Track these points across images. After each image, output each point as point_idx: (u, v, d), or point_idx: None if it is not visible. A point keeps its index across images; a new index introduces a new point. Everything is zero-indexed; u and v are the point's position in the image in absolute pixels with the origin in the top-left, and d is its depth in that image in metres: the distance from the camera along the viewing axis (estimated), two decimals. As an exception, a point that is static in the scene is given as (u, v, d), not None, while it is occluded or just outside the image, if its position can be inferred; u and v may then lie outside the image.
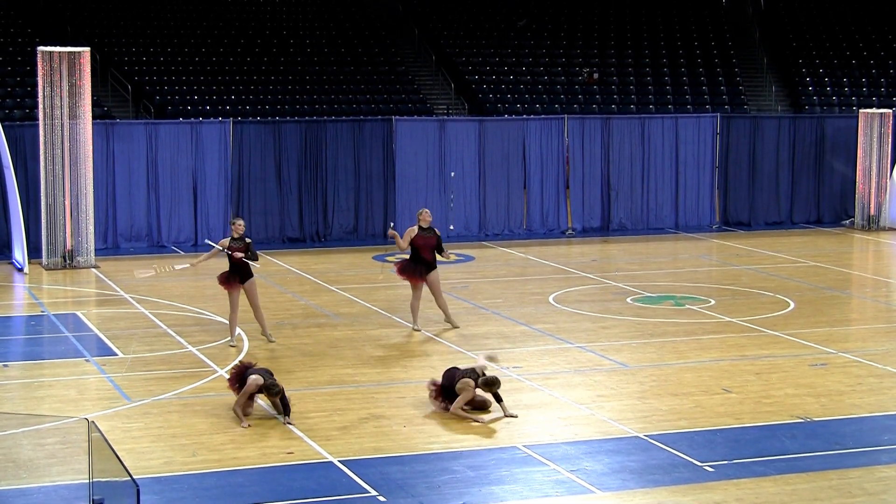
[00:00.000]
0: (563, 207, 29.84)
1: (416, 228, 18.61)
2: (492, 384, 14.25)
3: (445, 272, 22.54)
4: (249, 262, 17.36)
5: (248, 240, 17.52)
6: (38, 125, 24.06)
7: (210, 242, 18.44)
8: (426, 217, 18.70)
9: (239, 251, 17.33)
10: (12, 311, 21.12)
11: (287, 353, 17.40)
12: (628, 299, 21.41)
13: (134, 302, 20.85)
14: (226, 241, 17.48)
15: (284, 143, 27.60)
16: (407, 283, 18.95)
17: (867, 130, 30.69)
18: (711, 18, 42.82)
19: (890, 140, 30.76)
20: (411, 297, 18.79)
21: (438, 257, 18.74)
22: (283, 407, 14.10)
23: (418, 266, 18.54)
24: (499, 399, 14.31)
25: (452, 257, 19.38)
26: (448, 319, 18.96)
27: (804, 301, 21.38)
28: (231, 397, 14.31)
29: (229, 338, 17.67)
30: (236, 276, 17.46)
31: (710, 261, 26.60)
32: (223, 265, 17.91)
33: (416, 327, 18.73)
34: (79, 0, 36.31)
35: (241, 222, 17.64)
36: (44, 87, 23.74)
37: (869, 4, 43.83)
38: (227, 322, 18.19)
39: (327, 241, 27.67)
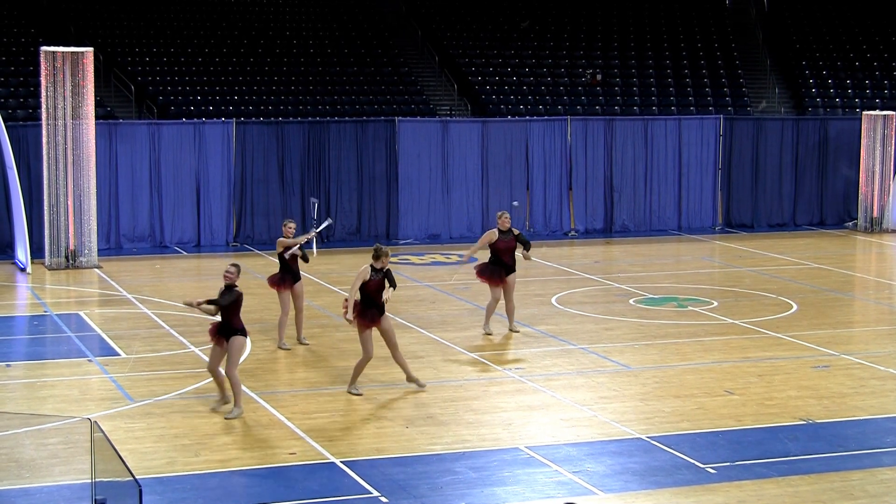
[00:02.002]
0: (565, 209, 29.84)
1: (495, 232, 18.60)
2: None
3: (447, 273, 22.53)
4: (301, 256, 17.44)
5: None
6: (41, 125, 24.08)
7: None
8: (506, 220, 18.64)
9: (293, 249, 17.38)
10: (15, 311, 21.14)
11: (290, 354, 17.40)
12: (631, 301, 21.41)
13: (136, 302, 20.86)
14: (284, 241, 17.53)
15: (287, 144, 27.61)
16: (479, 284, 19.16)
17: (870, 132, 30.68)
18: (715, 20, 42.81)
19: (893, 142, 30.74)
20: (490, 299, 18.79)
21: (520, 255, 18.72)
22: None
23: (498, 268, 18.53)
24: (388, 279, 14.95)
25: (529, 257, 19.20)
26: (511, 324, 18.93)
27: (807, 303, 21.37)
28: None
29: (279, 341, 17.67)
30: (288, 276, 17.50)
31: (712, 262, 26.59)
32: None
33: (487, 331, 18.70)
34: (82, 0, 36.32)
35: (292, 224, 17.65)
36: (47, 87, 23.76)
37: (872, 6, 43.82)
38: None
39: (330, 241, 27.67)
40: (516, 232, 18.77)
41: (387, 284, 14.96)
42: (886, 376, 16.45)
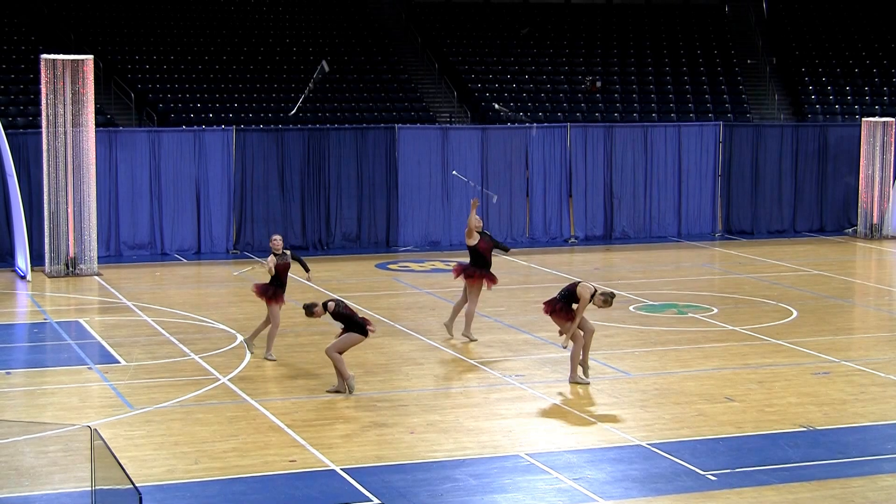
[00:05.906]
0: (565, 215, 29.84)
1: (480, 225, 18.78)
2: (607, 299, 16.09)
3: (448, 279, 22.55)
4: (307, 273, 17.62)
5: (287, 251, 17.52)
6: (41, 133, 24.08)
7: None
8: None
9: (284, 266, 17.35)
10: (15, 319, 21.13)
11: (290, 362, 17.39)
12: (631, 308, 21.40)
13: (136, 310, 20.86)
14: (273, 259, 17.35)
15: (287, 151, 27.61)
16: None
17: (870, 139, 30.68)
18: (714, 26, 42.84)
19: (893, 148, 30.74)
20: (464, 301, 18.78)
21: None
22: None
23: (479, 270, 18.60)
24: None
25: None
26: (452, 327, 18.86)
27: (807, 310, 21.37)
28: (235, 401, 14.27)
29: (267, 351, 17.47)
30: (280, 289, 17.43)
31: (712, 269, 26.59)
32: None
33: (470, 337, 18.66)
34: (82, 8, 36.36)
35: (278, 238, 17.58)
36: (47, 94, 23.77)
37: (872, 13, 43.85)
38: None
39: (330, 248, 27.67)
40: (487, 234, 18.93)
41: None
42: (887, 383, 16.44)
